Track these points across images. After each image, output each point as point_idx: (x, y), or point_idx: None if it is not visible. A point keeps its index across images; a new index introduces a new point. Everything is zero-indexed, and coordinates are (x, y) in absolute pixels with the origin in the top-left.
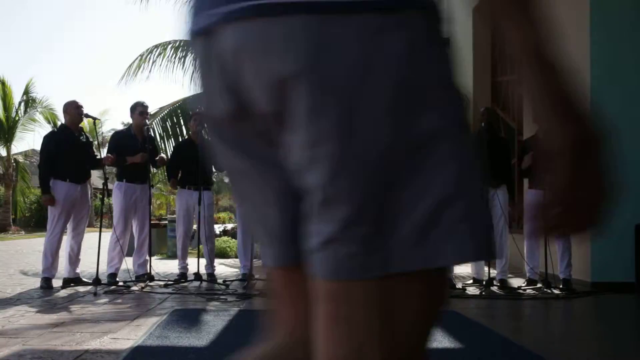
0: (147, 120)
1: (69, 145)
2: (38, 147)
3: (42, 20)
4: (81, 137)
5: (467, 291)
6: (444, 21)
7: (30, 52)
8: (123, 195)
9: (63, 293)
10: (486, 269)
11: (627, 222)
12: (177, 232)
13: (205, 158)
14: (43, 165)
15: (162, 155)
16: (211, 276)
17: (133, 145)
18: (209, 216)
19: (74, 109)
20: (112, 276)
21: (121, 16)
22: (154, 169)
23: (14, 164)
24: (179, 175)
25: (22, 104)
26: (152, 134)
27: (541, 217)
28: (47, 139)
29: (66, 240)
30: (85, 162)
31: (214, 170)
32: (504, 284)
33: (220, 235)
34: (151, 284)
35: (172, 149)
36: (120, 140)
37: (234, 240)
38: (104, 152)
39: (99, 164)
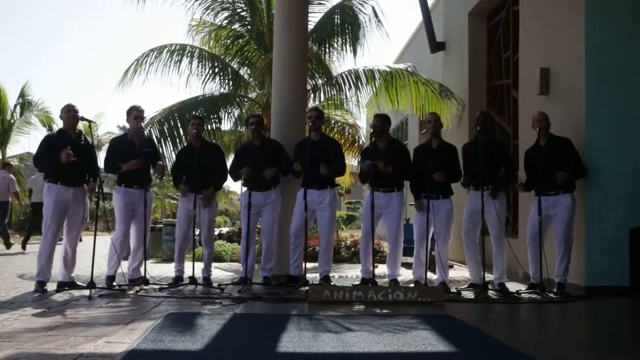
0: (142, 124)
1: (62, 149)
2: (33, 150)
3: (38, 22)
4: (80, 141)
5: (462, 295)
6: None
7: (26, 54)
8: (121, 199)
9: (57, 297)
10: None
11: (622, 226)
12: (177, 234)
13: (203, 161)
14: (35, 165)
15: (161, 163)
16: (207, 280)
17: (129, 151)
18: (210, 220)
19: (66, 112)
20: (110, 279)
21: (119, 17)
22: (154, 174)
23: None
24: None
25: (18, 106)
26: (151, 136)
27: None
28: (42, 142)
29: (62, 244)
30: (81, 165)
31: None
32: (503, 287)
33: (215, 239)
34: (146, 287)
35: (169, 152)
36: (117, 146)
37: (229, 244)
38: (99, 156)
39: (97, 169)
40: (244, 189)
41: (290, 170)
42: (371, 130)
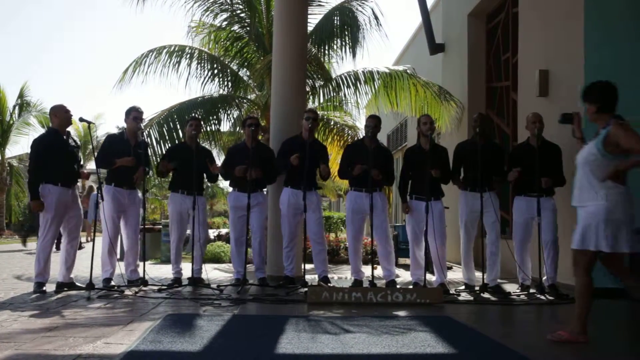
0: (141, 125)
1: (59, 149)
2: None
3: (38, 22)
4: (69, 140)
5: (460, 297)
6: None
7: (26, 54)
8: (111, 199)
9: (56, 297)
10: (478, 274)
11: None
12: (171, 236)
13: (199, 163)
14: (33, 170)
15: (143, 167)
16: (201, 280)
17: (125, 150)
18: (204, 219)
19: (63, 113)
20: (107, 281)
21: (119, 17)
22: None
23: (8, 168)
24: (171, 177)
25: (17, 107)
26: (148, 139)
27: None
28: (37, 143)
29: (62, 245)
30: (74, 165)
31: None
32: (499, 289)
33: (214, 240)
34: (145, 288)
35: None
36: (113, 144)
37: (228, 245)
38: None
39: (79, 167)
40: (231, 189)
41: (277, 175)
42: (370, 131)
